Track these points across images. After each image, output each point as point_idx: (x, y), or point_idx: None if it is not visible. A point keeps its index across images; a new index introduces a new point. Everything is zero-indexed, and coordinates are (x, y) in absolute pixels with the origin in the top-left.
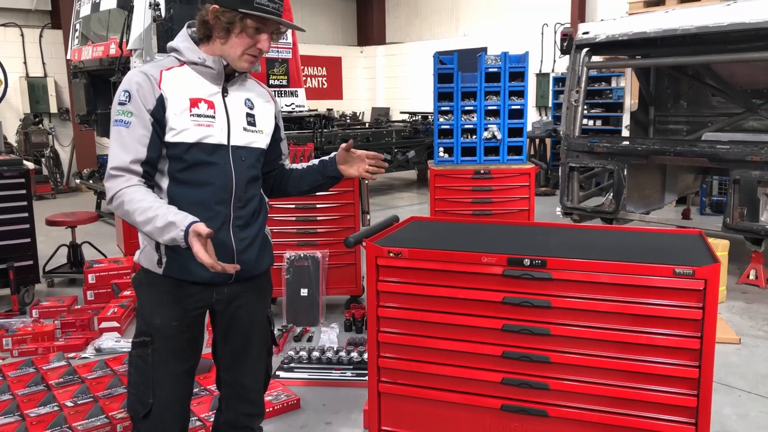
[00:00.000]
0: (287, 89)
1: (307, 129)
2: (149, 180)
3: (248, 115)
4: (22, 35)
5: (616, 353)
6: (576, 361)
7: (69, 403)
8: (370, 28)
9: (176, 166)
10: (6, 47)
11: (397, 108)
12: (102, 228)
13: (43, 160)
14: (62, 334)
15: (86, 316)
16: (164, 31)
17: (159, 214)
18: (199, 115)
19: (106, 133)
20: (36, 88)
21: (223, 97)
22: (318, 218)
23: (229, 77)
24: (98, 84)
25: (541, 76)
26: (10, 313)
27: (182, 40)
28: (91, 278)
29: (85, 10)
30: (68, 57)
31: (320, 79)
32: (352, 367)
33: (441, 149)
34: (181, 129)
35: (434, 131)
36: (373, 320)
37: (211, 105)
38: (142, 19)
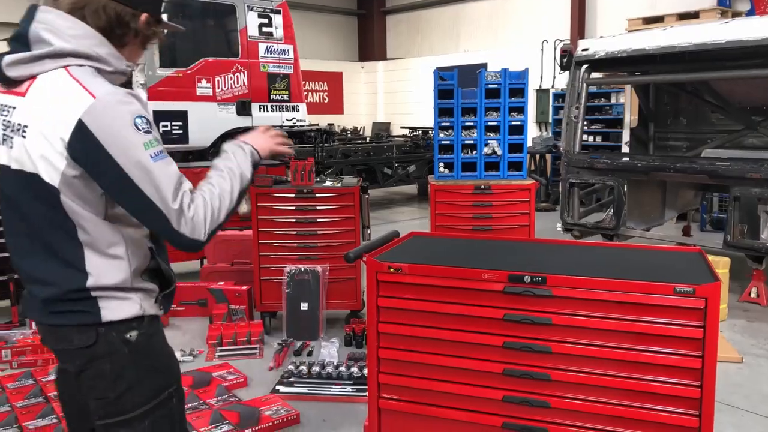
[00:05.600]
0: (288, 104)
1: (308, 143)
2: None
3: None
4: None
5: (616, 371)
6: (577, 379)
7: None
8: (371, 44)
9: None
10: None
11: (398, 123)
12: None
13: None
14: None
15: None
16: (166, 46)
17: (229, 168)
18: None
19: None
20: None
21: None
22: (318, 232)
23: None
24: None
25: (541, 92)
26: (10, 324)
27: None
28: None
29: None
30: None
31: (321, 94)
32: (352, 382)
33: (441, 164)
34: None
35: (434, 147)
36: (373, 336)
37: None
38: None
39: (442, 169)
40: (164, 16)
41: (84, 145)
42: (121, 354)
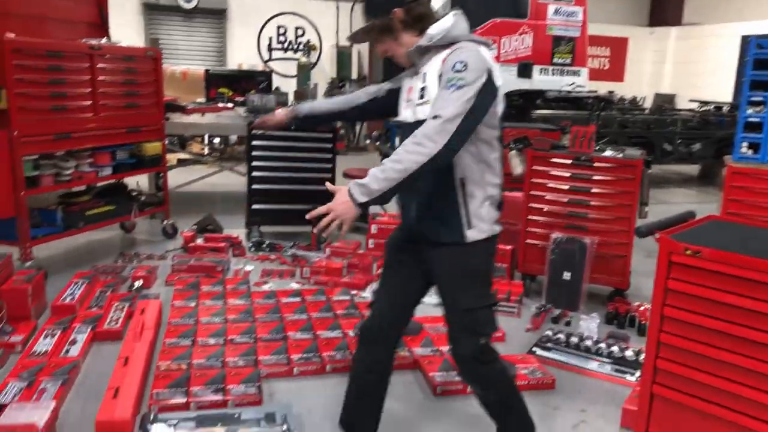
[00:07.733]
0: (570, 68)
1: (584, 110)
2: None
3: (421, 89)
4: (338, 8)
5: None
6: None
7: (351, 333)
8: (664, 8)
9: None
10: (323, 18)
11: (684, 96)
12: None
13: None
14: (348, 272)
15: (367, 260)
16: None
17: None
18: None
19: None
20: (343, 56)
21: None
22: (591, 203)
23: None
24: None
25: None
26: (309, 247)
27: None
28: (373, 228)
29: None
30: None
31: (602, 59)
32: (611, 361)
33: (745, 144)
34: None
35: (738, 124)
36: (656, 319)
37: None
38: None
39: (744, 149)
40: None
41: None
42: None
